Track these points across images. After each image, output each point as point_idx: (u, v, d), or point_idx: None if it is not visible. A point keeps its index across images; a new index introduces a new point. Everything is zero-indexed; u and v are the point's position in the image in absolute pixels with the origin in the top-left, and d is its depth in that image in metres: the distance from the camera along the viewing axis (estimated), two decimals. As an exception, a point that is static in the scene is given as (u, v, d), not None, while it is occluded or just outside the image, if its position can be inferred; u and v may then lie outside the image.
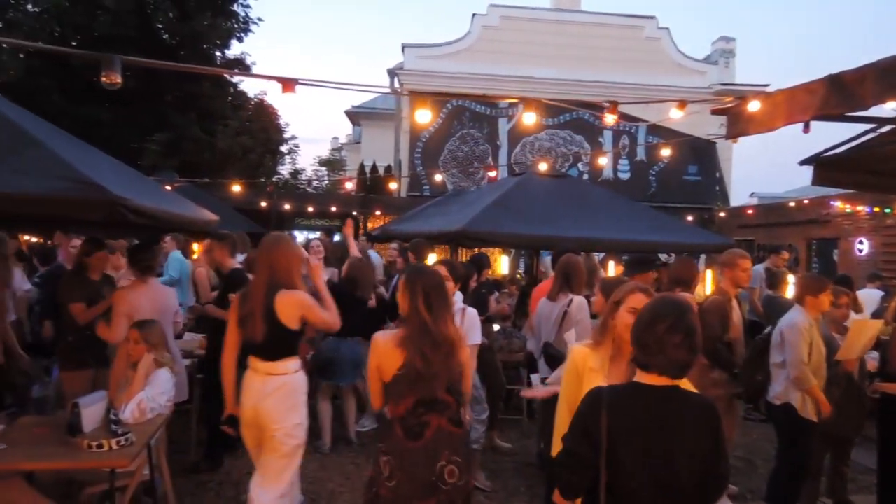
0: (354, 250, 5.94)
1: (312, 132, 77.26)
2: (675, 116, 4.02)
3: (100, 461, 3.12)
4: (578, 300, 4.40)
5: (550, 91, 14.42)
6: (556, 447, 2.74)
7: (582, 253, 6.75)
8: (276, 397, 3.27)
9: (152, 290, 4.48)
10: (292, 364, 3.38)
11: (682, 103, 3.83)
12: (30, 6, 12.67)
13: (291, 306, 3.29)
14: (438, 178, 14.86)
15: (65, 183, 2.57)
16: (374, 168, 18.63)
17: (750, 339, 4.66)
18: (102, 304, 4.51)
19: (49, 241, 8.98)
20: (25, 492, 3.27)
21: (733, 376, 4.27)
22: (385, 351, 2.67)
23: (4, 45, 11.11)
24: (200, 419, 5.28)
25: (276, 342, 3.30)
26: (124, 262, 5.58)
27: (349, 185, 12.33)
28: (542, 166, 7.86)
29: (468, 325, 3.84)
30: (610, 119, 3.81)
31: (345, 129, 40.06)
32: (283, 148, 21.00)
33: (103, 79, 2.55)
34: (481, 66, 17.05)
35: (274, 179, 15.83)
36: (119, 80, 2.59)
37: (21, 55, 12.95)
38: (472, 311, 3.98)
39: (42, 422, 3.64)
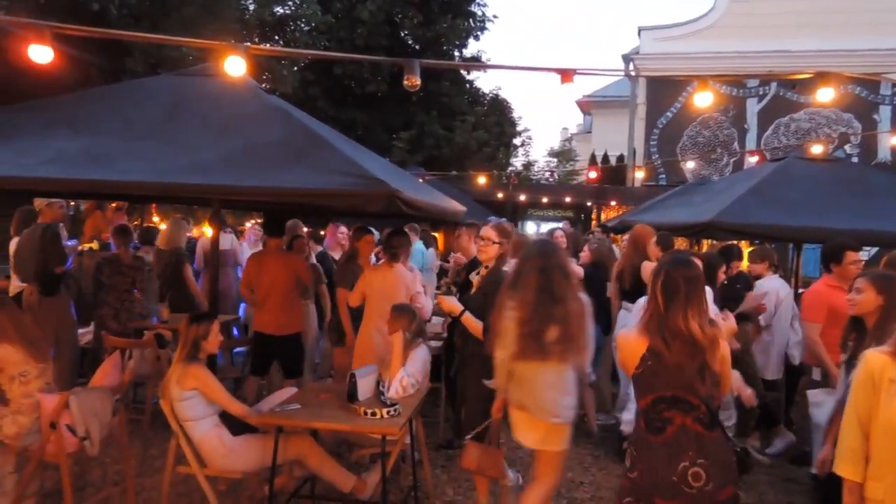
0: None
1: (542, 123, 77.89)
2: None
3: (373, 427, 3.48)
4: None
5: (811, 65, 12.81)
6: (841, 461, 2.44)
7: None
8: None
9: (393, 274, 4.86)
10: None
11: None
12: (303, 25, 14.59)
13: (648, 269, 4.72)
14: (690, 164, 13.97)
15: (352, 179, 2.92)
16: (606, 157, 18.21)
17: None
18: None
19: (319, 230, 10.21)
20: (313, 446, 3.79)
21: None
22: (628, 343, 2.65)
23: (283, 61, 12.95)
24: (448, 398, 5.64)
25: (640, 290, 4.63)
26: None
27: (593, 175, 12.15)
28: (817, 148, 6.99)
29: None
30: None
31: (575, 118, 39.77)
32: (516, 140, 21.47)
33: (405, 82, 2.86)
34: (728, 43, 15.71)
35: (509, 171, 16.27)
36: (419, 82, 2.87)
37: (295, 69, 14.91)
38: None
39: (325, 388, 4.17)
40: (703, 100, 3.79)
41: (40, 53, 3.42)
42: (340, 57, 14.24)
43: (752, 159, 10.32)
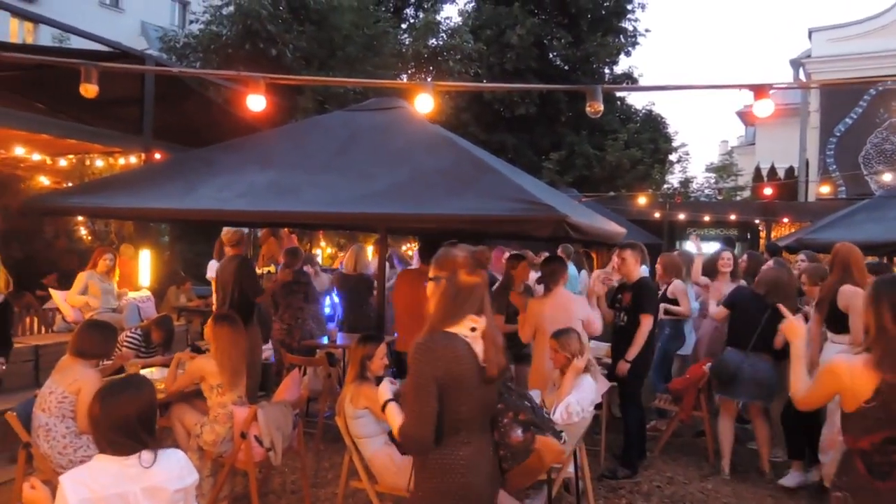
0: None
1: (700, 137, 73.82)
2: None
3: (539, 454, 3.43)
4: None
5: None
6: None
7: None
8: None
9: (556, 299, 4.69)
10: None
11: None
12: (455, 54, 15.08)
13: (856, 296, 4.18)
14: (888, 177, 12.51)
15: (521, 204, 2.93)
16: (773, 170, 16.85)
17: None
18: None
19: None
20: (477, 469, 3.81)
21: None
22: (853, 376, 2.29)
23: (439, 89, 13.44)
24: (609, 426, 5.45)
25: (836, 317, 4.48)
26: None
27: (768, 192, 11.26)
28: None
29: None
30: None
31: (735, 130, 37.34)
32: (672, 157, 20.50)
33: (588, 108, 2.85)
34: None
35: (667, 189, 15.50)
36: (601, 108, 2.85)
37: (447, 96, 15.41)
38: None
39: (488, 411, 4.18)
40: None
41: (256, 102, 3.76)
42: (521, 88, 14.55)
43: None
